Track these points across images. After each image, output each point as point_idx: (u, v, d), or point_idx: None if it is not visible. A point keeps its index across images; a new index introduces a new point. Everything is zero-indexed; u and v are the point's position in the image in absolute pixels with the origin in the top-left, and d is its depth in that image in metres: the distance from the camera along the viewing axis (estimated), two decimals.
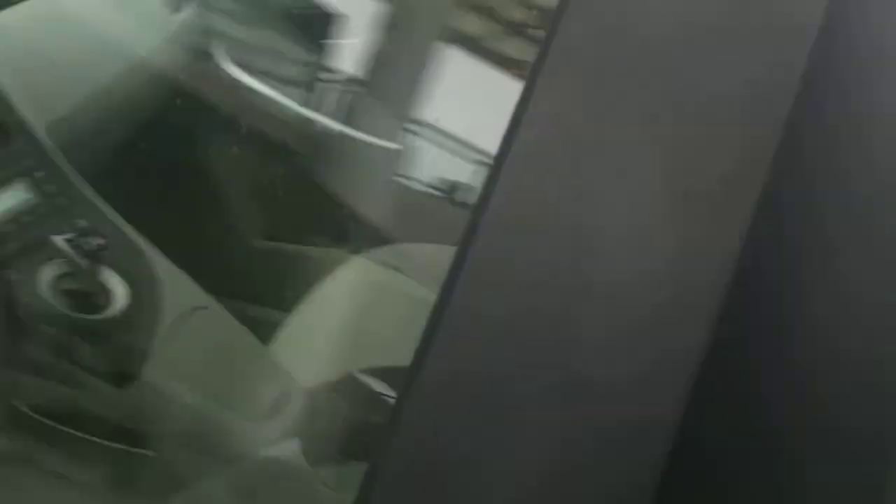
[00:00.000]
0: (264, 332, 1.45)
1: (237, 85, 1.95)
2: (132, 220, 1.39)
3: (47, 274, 1.21)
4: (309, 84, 1.98)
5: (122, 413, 1.22)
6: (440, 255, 1.76)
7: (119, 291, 1.24)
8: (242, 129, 2.06)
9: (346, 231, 2.08)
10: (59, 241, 1.14)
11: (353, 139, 1.96)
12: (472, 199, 0.65)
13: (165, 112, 1.87)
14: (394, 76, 1.99)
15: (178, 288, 1.31)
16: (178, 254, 1.40)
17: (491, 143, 0.66)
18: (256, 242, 2.15)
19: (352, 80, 2.00)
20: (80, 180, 1.35)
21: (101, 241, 1.25)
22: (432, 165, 2.20)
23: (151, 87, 1.72)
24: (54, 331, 1.17)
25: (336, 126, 1.96)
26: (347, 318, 1.59)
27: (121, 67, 1.61)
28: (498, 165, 0.63)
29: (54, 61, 1.45)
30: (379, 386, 1.35)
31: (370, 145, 1.95)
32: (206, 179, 2.09)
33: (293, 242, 2.14)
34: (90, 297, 1.20)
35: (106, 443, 1.31)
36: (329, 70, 2.00)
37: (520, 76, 0.67)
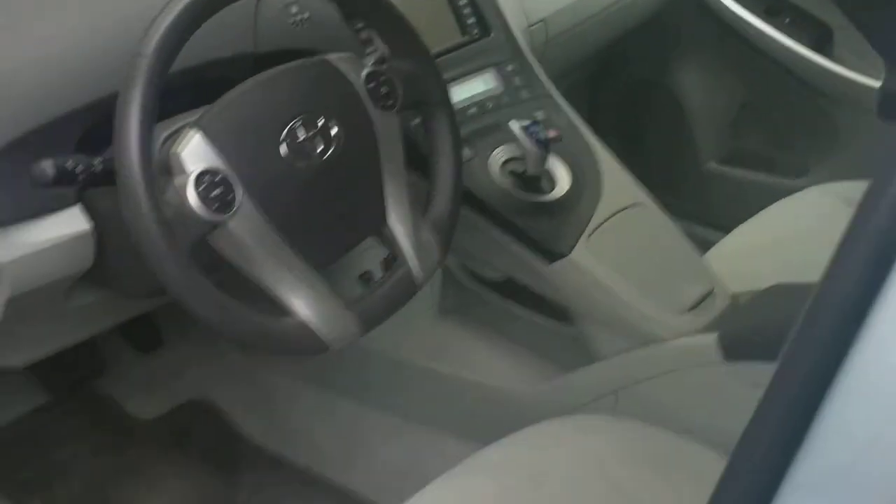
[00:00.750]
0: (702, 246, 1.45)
1: (723, 10, 1.94)
2: (593, 123, 1.46)
3: (500, 155, 1.32)
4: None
5: (550, 287, 1.30)
6: None
7: (563, 179, 1.31)
8: (715, 53, 2.05)
9: (806, 162, 2.01)
10: (516, 127, 1.23)
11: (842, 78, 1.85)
12: None
13: (643, 26, 1.92)
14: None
15: (620, 184, 1.36)
16: (631, 162, 1.44)
17: None
18: (710, 165, 2.14)
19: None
20: (546, 79, 1.44)
21: (554, 133, 1.33)
22: None
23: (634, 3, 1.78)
24: (500, 206, 1.27)
25: (823, 62, 1.87)
26: (786, 240, 1.54)
27: None
28: None
29: None
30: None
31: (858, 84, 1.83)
32: (670, 98, 2.11)
33: (748, 168, 2.10)
34: (535, 181, 1.29)
35: (531, 312, 1.41)
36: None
37: None
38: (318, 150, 1.00)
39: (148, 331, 1.82)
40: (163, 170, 0.92)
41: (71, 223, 1.01)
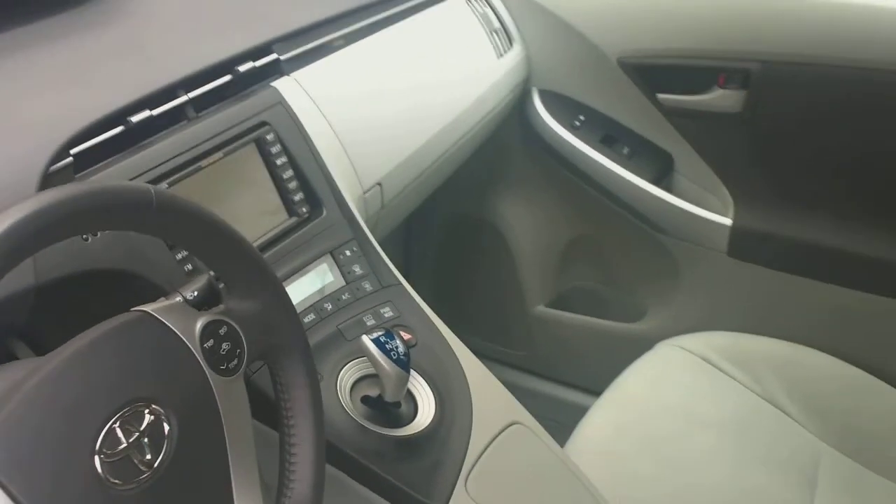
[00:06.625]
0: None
1: (546, 130, 1.86)
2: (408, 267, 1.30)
3: (349, 376, 1.12)
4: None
5: None
6: (755, 346, 1.59)
7: (425, 400, 1.13)
8: (543, 185, 1.95)
9: (644, 304, 1.95)
10: (369, 343, 1.04)
11: (685, 213, 1.79)
12: None
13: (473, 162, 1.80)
14: None
15: (491, 398, 1.19)
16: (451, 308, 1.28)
17: None
18: (538, 308, 2.06)
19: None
20: (388, 261, 1.27)
21: (408, 336, 1.16)
22: None
23: (466, 138, 1.65)
24: (353, 448, 1.07)
25: (664, 196, 1.80)
26: (654, 418, 1.47)
27: (440, 127, 1.53)
28: None
29: (374, 130, 1.39)
30: None
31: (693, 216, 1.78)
32: (495, 234, 2.00)
33: (579, 311, 2.02)
34: (395, 408, 1.11)
35: None
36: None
37: None
38: (148, 459, 0.76)
39: None
40: None
41: None
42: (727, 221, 1.75)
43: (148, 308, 0.82)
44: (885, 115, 1.52)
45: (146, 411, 0.76)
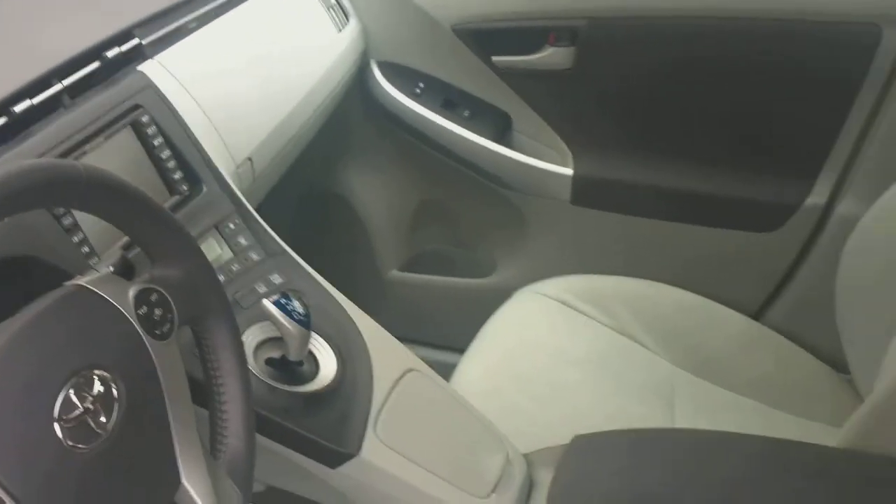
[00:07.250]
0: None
1: (388, 99, 1.93)
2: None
3: (251, 340, 1.17)
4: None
5: (336, 496, 1.18)
6: (608, 285, 1.72)
7: (326, 357, 1.19)
8: (386, 153, 2.03)
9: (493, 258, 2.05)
10: (271, 307, 1.09)
11: (528, 167, 1.90)
12: None
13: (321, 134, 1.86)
14: None
15: (385, 348, 1.27)
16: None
17: None
18: (392, 273, 2.15)
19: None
20: (270, 230, 1.32)
21: (305, 301, 1.22)
22: None
23: (318, 111, 1.70)
24: (265, 406, 1.12)
25: (507, 153, 1.90)
26: (525, 357, 1.58)
27: (298, 99, 1.59)
28: None
29: (239, 106, 1.43)
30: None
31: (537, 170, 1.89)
32: (344, 206, 2.07)
33: (432, 272, 2.12)
34: (299, 366, 1.17)
35: None
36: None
37: None
38: (102, 421, 0.80)
39: None
40: None
41: None
42: (568, 172, 1.86)
43: (81, 281, 0.85)
44: (704, 62, 1.66)
45: (96, 377, 0.80)
